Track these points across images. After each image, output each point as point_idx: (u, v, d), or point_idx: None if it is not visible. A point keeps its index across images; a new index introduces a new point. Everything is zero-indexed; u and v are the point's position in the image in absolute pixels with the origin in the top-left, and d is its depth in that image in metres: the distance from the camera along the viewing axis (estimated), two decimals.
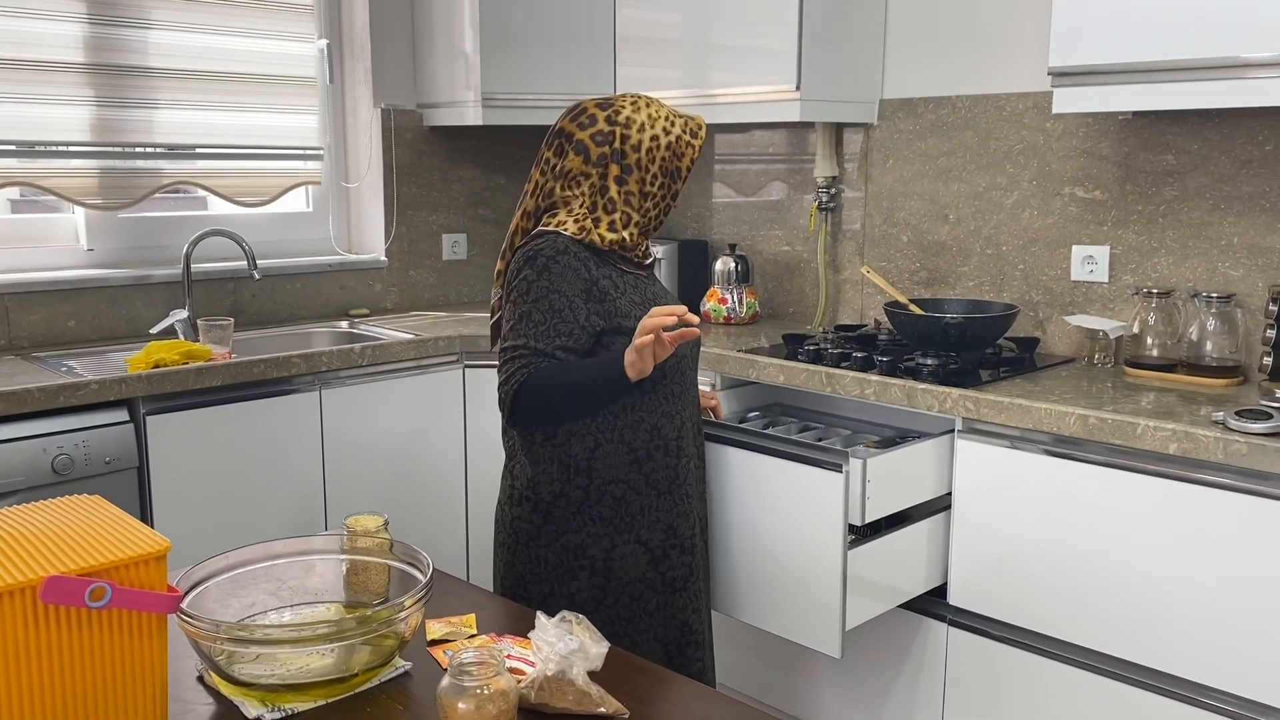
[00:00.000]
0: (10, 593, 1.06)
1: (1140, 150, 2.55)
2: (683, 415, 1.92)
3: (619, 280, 1.88)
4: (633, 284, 1.90)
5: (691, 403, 1.95)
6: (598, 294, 1.83)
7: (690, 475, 1.93)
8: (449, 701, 1.12)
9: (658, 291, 1.98)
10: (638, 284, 1.92)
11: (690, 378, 1.96)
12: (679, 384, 1.92)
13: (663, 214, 1.93)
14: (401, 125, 3.48)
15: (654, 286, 1.98)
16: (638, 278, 1.93)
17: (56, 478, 2.29)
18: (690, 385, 1.96)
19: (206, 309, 3.09)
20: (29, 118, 2.83)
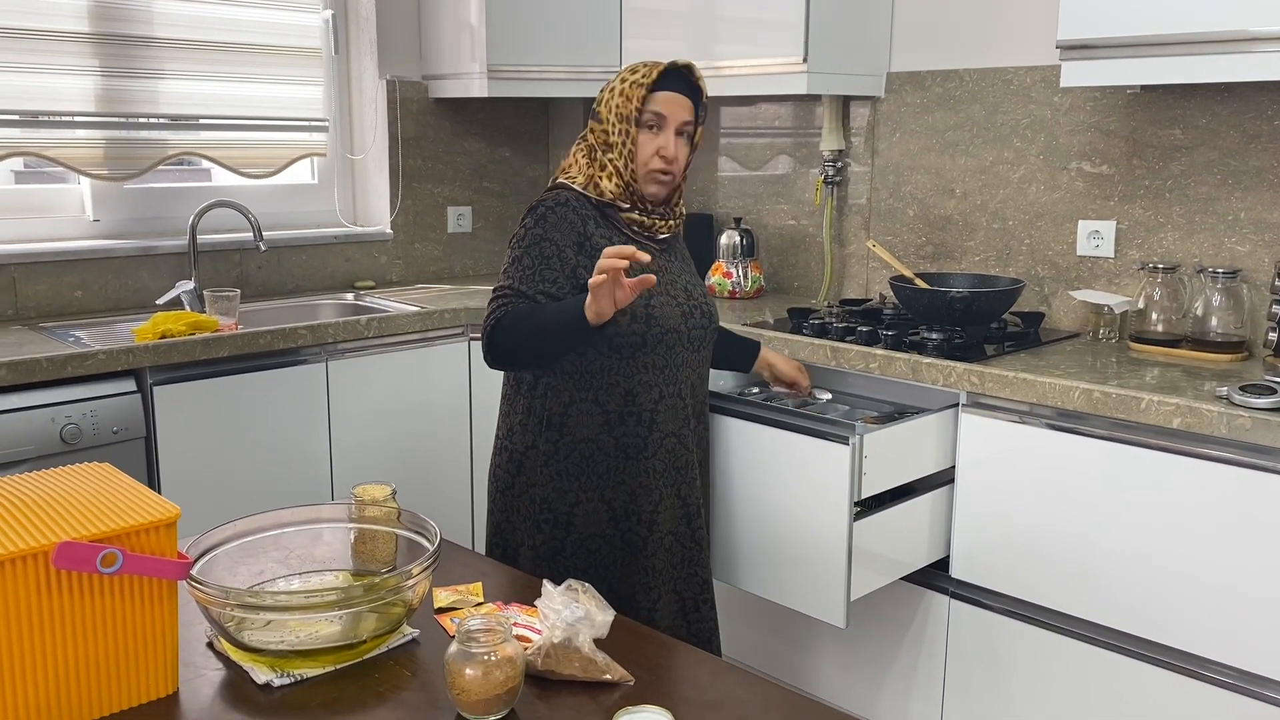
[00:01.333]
0: (23, 558, 1.07)
1: (1148, 125, 2.54)
2: (663, 388, 1.90)
3: (620, 242, 1.89)
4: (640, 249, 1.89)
5: (682, 380, 1.93)
6: (589, 249, 1.87)
7: (660, 449, 1.91)
8: (456, 668, 1.13)
9: (670, 267, 1.97)
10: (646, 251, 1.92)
11: (682, 355, 1.93)
12: (663, 356, 1.90)
13: (629, 161, 1.89)
14: (407, 97, 3.47)
15: (668, 262, 1.96)
16: (645, 248, 1.92)
17: (65, 447, 2.31)
18: (682, 363, 1.93)
19: (213, 280, 3.09)
20: (34, 87, 2.83)
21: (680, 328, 1.91)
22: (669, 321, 1.89)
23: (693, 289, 1.98)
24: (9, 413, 2.25)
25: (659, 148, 1.87)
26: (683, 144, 1.91)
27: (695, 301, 1.96)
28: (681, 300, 1.93)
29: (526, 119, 3.81)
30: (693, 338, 1.94)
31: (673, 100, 1.88)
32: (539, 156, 3.88)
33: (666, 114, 1.87)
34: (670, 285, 1.93)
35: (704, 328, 1.97)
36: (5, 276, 2.75)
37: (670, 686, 1.23)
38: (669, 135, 1.88)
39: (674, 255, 2.00)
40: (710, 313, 2.00)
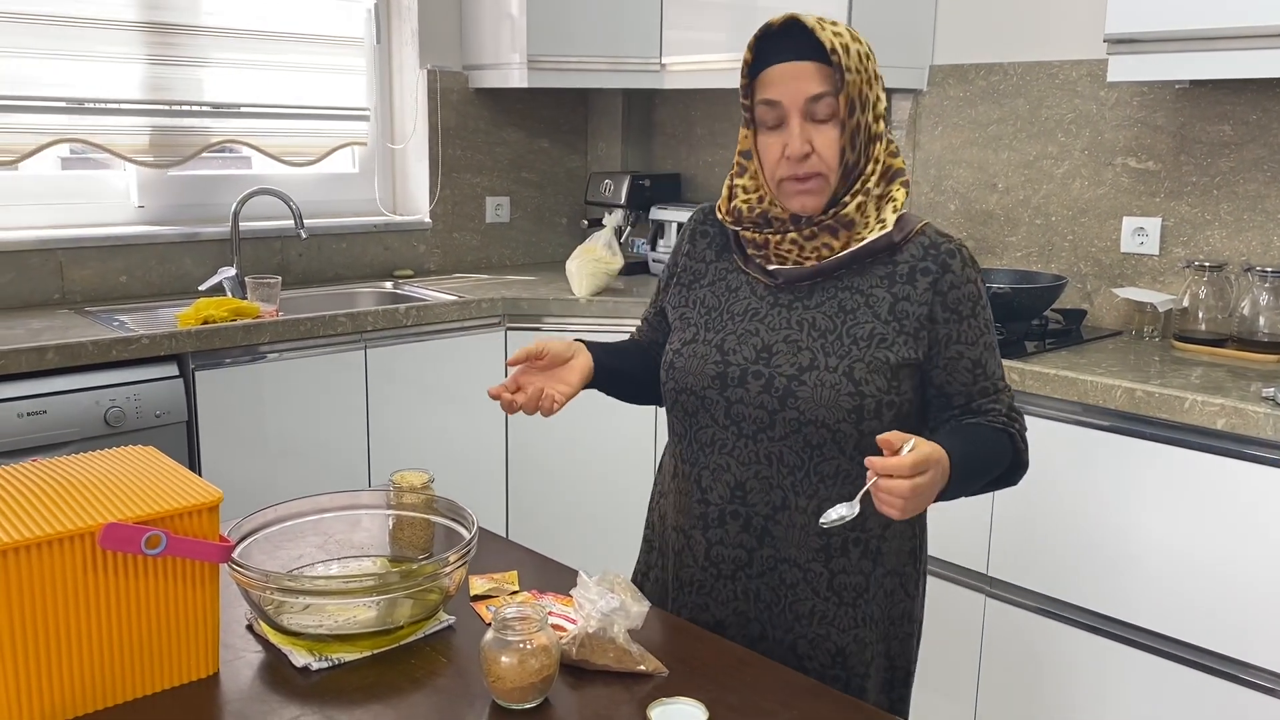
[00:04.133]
0: (70, 538, 1.09)
1: (1196, 120, 2.49)
2: (679, 464, 1.47)
3: (719, 276, 1.48)
4: (731, 289, 1.45)
5: (705, 464, 1.43)
6: (681, 277, 1.53)
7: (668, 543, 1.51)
8: (492, 655, 1.14)
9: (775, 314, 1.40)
10: (738, 293, 1.44)
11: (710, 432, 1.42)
12: (680, 421, 1.46)
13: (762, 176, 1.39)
14: (447, 87, 3.48)
15: (774, 304, 1.41)
16: (752, 285, 1.44)
17: (109, 429, 2.35)
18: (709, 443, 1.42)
19: (254, 267, 3.12)
20: (81, 75, 2.87)
21: (705, 390, 1.41)
22: (686, 379, 1.43)
23: (785, 348, 1.37)
24: (55, 395, 2.29)
25: (783, 145, 1.34)
26: (825, 130, 1.32)
27: (763, 366, 1.38)
28: (737, 356, 1.40)
29: (565, 110, 3.81)
30: (734, 413, 1.39)
31: (785, 75, 1.32)
32: (577, 147, 3.88)
33: (781, 97, 1.33)
34: (744, 334, 1.41)
35: (763, 406, 1.37)
36: (52, 261, 2.80)
37: (704, 678, 1.23)
38: (794, 125, 1.32)
39: (813, 295, 1.39)
40: (787, 389, 1.35)
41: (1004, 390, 1.42)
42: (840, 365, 1.34)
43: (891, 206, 1.37)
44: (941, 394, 1.39)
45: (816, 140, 1.32)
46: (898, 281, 1.37)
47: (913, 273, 1.37)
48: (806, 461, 1.36)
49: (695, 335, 1.44)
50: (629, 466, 3.07)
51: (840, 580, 1.40)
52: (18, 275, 2.74)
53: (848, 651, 1.41)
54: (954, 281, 1.36)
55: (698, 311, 1.47)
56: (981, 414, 1.39)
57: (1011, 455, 1.40)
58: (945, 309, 1.36)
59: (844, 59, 1.30)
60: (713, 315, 1.45)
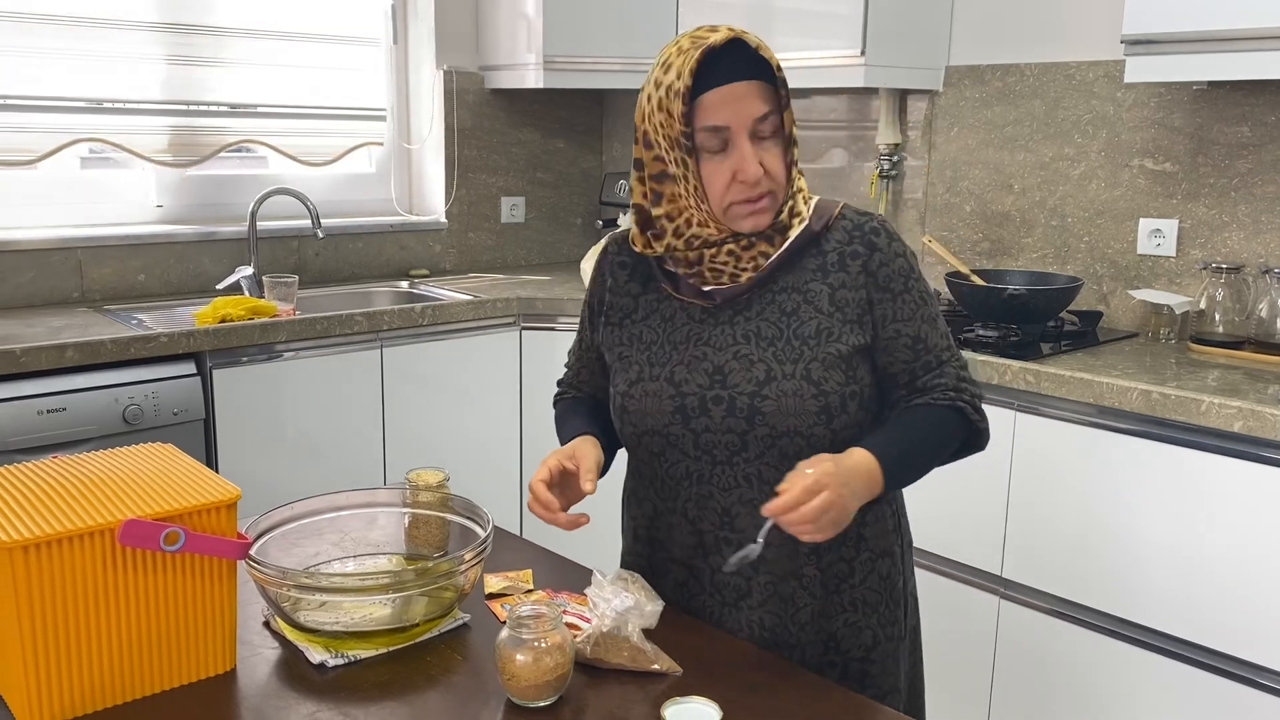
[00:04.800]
0: (90, 534, 1.10)
1: (1214, 121, 2.48)
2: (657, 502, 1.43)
3: (651, 308, 1.42)
4: (666, 318, 1.40)
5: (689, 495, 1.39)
6: (610, 316, 1.46)
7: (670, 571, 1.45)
8: (507, 653, 1.14)
9: (716, 333, 1.36)
10: (674, 321, 1.40)
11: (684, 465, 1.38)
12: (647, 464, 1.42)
13: (701, 201, 1.31)
14: (463, 87, 3.50)
15: (715, 324, 1.37)
16: (688, 310, 1.39)
17: (127, 427, 2.36)
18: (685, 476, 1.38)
19: (271, 266, 3.14)
20: (99, 75, 2.89)
21: (668, 427, 1.36)
22: (645, 420, 1.37)
23: (738, 365, 1.34)
24: (75, 393, 2.30)
25: (735, 170, 1.29)
26: (770, 148, 1.30)
27: (720, 389, 1.33)
28: (691, 385, 1.35)
29: (581, 110, 3.82)
30: (703, 443, 1.35)
31: (730, 96, 1.27)
32: (593, 148, 3.89)
33: (729, 121, 1.27)
34: (692, 361, 1.36)
35: (732, 430, 1.33)
36: (72, 260, 2.82)
37: (718, 678, 1.23)
38: (745, 148, 1.28)
39: (751, 305, 1.36)
40: (751, 408, 1.32)
41: (950, 361, 1.39)
42: (796, 370, 1.32)
43: (801, 197, 1.37)
44: (886, 374, 1.38)
45: (765, 160, 1.30)
46: (830, 270, 1.36)
47: (842, 258, 1.36)
48: (785, 473, 1.28)
49: (641, 373, 1.39)
50: None
51: (830, 573, 1.39)
52: (38, 274, 2.77)
53: (839, 636, 1.40)
54: (882, 260, 1.36)
55: (636, 348, 1.41)
56: (928, 391, 1.36)
57: (964, 428, 1.38)
58: (878, 289, 1.35)
59: (780, 76, 1.30)
60: (654, 349, 1.39)
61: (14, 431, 2.23)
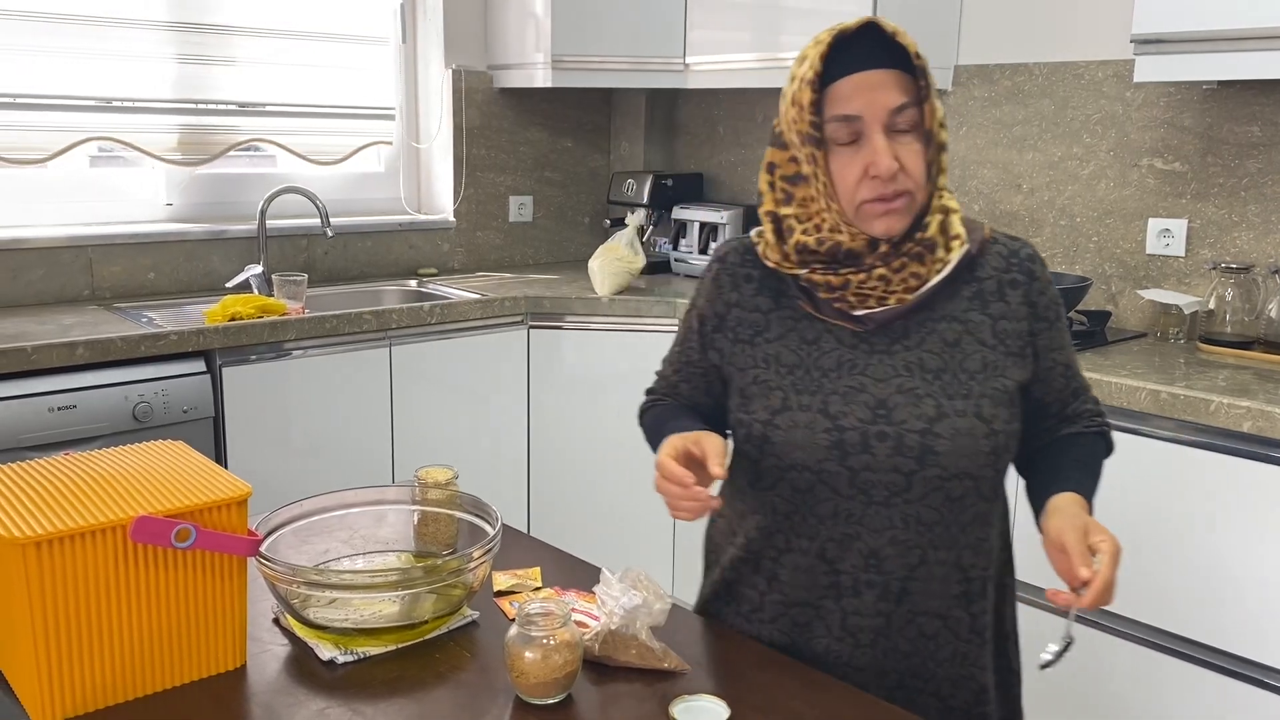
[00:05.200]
0: (102, 531, 1.10)
1: (1224, 121, 2.48)
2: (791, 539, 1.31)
3: (787, 326, 1.31)
4: (808, 340, 1.29)
5: (828, 536, 1.28)
6: (738, 331, 1.34)
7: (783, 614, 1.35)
8: (516, 651, 1.15)
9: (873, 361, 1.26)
10: (819, 344, 1.28)
11: (832, 504, 1.27)
12: (786, 500, 1.30)
13: (830, 200, 1.22)
14: (471, 86, 3.50)
15: (870, 352, 1.27)
16: (835, 333, 1.28)
17: (137, 424, 2.37)
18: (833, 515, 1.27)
19: (280, 265, 3.15)
20: (109, 74, 2.90)
21: (822, 464, 1.25)
22: (793, 454, 1.26)
23: (903, 399, 1.24)
24: (85, 390, 2.31)
25: (867, 164, 1.19)
26: (908, 144, 1.20)
27: (884, 425, 1.23)
28: (850, 419, 1.24)
29: (589, 109, 3.82)
30: (860, 482, 1.24)
31: (864, 85, 1.19)
32: (601, 147, 3.89)
33: (861, 111, 1.19)
34: (848, 392, 1.26)
35: (897, 469, 1.23)
36: (82, 258, 2.83)
37: (726, 676, 1.23)
38: (878, 141, 1.19)
39: (909, 334, 1.26)
40: (923, 446, 1.22)
41: (1085, 383, 1.37)
42: (968, 407, 1.22)
43: (957, 218, 1.26)
44: (1039, 405, 1.33)
45: (902, 155, 1.19)
46: (989, 300, 1.27)
47: (1001, 287, 1.27)
48: (946, 516, 1.24)
49: (786, 400, 1.27)
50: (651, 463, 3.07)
51: (981, 621, 1.32)
52: (48, 272, 2.78)
53: (987, 685, 1.34)
54: (1041, 288, 1.29)
55: (775, 371, 1.29)
56: (1077, 418, 1.34)
57: (1105, 449, 1.38)
58: (1038, 319, 1.28)
59: (921, 66, 1.20)
60: (798, 374, 1.27)
61: (25, 428, 2.24)
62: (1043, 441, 1.36)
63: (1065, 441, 1.34)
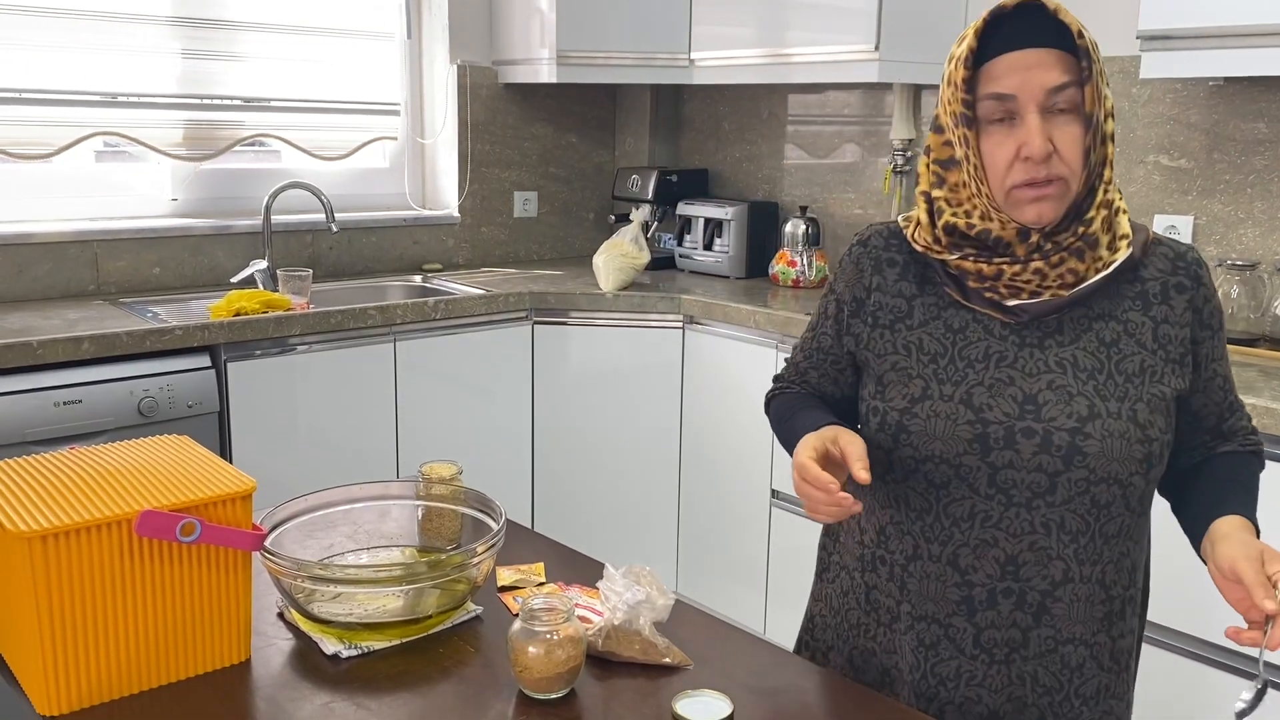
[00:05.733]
0: (107, 525, 1.11)
1: (1230, 117, 2.47)
2: (920, 542, 1.24)
3: (931, 314, 1.25)
4: (954, 329, 1.24)
5: (962, 540, 1.21)
6: (878, 316, 1.29)
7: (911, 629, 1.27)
8: (520, 645, 1.15)
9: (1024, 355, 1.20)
10: (966, 334, 1.23)
11: (969, 503, 1.20)
12: (921, 495, 1.23)
13: (980, 183, 1.17)
14: (476, 82, 3.50)
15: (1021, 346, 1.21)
16: (984, 324, 1.22)
17: (142, 419, 2.38)
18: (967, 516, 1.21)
19: (285, 260, 3.15)
20: (115, 69, 2.91)
21: (962, 457, 1.19)
22: (931, 445, 1.20)
23: (1054, 396, 1.18)
24: (91, 385, 2.32)
25: (1019, 146, 1.13)
26: (1066, 127, 1.14)
27: (1032, 421, 1.17)
28: (995, 412, 1.18)
29: (594, 105, 3.82)
30: (1000, 480, 1.18)
31: (1021, 63, 1.13)
32: (605, 143, 3.89)
33: (1016, 90, 1.13)
34: (995, 385, 1.20)
35: (1042, 469, 1.17)
36: (88, 253, 2.84)
37: (730, 672, 1.24)
38: (1032, 121, 1.13)
39: (1064, 330, 1.21)
40: (1071, 445, 1.16)
41: (1240, 400, 1.30)
42: (1123, 409, 1.16)
43: (1125, 218, 1.20)
44: (1195, 418, 1.26)
45: (1058, 138, 1.13)
46: (1152, 303, 1.20)
47: (1165, 290, 1.21)
48: (1091, 525, 1.18)
49: (927, 389, 1.21)
50: (654, 460, 3.08)
51: (1120, 646, 1.24)
52: (54, 266, 2.79)
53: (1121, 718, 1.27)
54: (1206, 295, 1.22)
55: (917, 360, 1.23)
56: (1232, 435, 1.28)
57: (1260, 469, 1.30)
58: (1202, 326, 1.22)
59: (1086, 46, 1.13)
60: (941, 363, 1.22)
61: (31, 423, 2.25)
62: (1196, 458, 1.28)
63: (1224, 460, 1.26)
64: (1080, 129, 1.14)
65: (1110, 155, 1.17)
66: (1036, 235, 1.16)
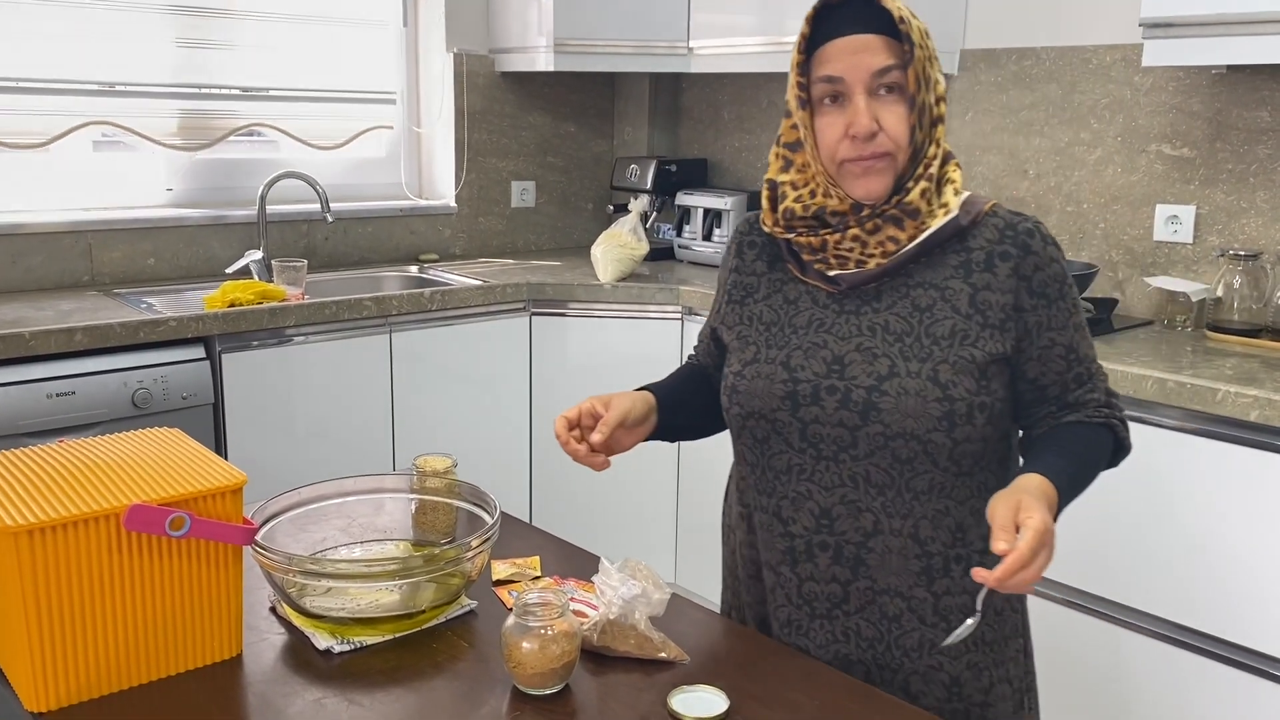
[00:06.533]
0: (96, 519, 1.09)
1: (1233, 106, 2.45)
2: (756, 497, 1.35)
3: (775, 288, 1.36)
4: (790, 300, 1.34)
5: (785, 492, 1.31)
6: (733, 294, 1.40)
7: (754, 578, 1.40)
8: (514, 641, 1.14)
9: (841, 321, 1.29)
10: (798, 304, 1.33)
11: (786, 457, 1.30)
12: (752, 450, 1.34)
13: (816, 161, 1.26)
14: (473, 70, 3.48)
15: (840, 310, 1.30)
16: (813, 294, 1.32)
17: (136, 411, 2.36)
18: (786, 469, 1.31)
19: (280, 250, 3.13)
20: (110, 58, 2.88)
21: (776, 412, 1.29)
22: (753, 402, 1.31)
23: (859, 357, 1.26)
24: (84, 376, 2.30)
25: (847, 124, 1.22)
26: (892, 107, 1.22)
27: (836, 379, 1.26)
28: (806, 372, 1.28)
29: (592, 94, 3.80)
30: (810, 435, 1.28)
31: (849, 48, 1.22)
32: (604, 132, 3.87)
33: (844, 73, 1.22)
34: (810, 348, 1.30)
35: (843, 423, 1.25)
36: (82, 243, 2.82)
37: (725, 666, 1.22)
38: (859, 101, 1.21)
39: (882, 297, 1.28)
40: (867, 402, 1.24)
41: (1098, 373, 1.32)
42: (923, 369, 1.23)
43: (951, 189, 1.27)
44: (1035, 387, 1.28)
45: (884, 117, 1.22)
46: (974, 270, 1.26)
47: (990, 258, 1.26)
48: (897, 479, 1.25)
49: (757, 354, 1.32)
50: (652, 453, 3.06)
51: (946, 603, 1.28)
52: (48, 257, 2.77)
53: (962, 680, 1.29)
54: (1038, 263, 1.26)
55: (755, 329, 1.34)
56: (1079, 406, 1.29)
57: (1112, 445, 1.31)
58: (1032, 294, 1.25)
59: (910, 31, 1.21)
60: (773, 331, 1.33)
61: (23, 415, 2.23)
62: (1043, 428, 1.31)
63: (1062, 429, 1.29)
64: (905, 109, 1.22)
65: (939, 135, 1.26)
66: (868, 209, 1.25)
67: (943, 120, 1.26)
